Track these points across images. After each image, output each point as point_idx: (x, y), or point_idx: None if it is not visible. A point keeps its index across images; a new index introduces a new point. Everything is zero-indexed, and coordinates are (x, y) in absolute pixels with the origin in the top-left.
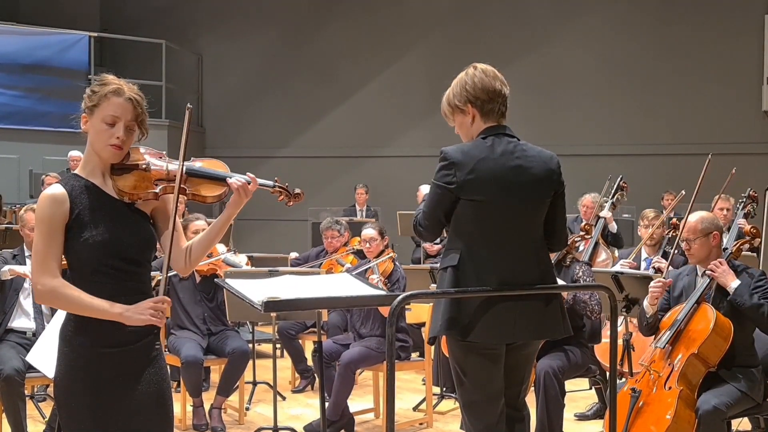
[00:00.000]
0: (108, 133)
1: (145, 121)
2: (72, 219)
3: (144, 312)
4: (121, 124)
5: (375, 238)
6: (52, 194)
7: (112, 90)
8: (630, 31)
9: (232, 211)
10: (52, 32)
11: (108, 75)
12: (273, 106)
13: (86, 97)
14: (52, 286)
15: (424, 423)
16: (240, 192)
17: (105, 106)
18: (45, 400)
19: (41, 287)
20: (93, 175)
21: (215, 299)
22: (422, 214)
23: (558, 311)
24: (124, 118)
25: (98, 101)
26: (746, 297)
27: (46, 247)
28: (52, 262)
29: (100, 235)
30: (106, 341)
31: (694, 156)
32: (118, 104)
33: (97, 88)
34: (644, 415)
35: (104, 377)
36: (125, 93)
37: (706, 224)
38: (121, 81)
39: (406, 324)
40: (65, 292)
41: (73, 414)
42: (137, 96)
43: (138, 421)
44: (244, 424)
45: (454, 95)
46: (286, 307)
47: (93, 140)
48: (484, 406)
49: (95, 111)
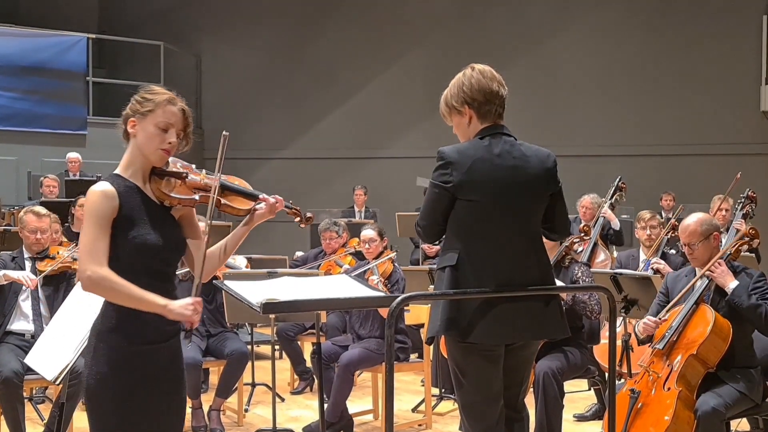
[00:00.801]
0: (161, 137)
1: (190, 133)
2: (119, 217)
3: (187, 308)
4: (173, 131)
5: (374, 239)
6: (103, 190)
7: (168, 99)
8: (628, 31)
9: (255, 222)
10: (50, 34)
11: (156, 86)
12: (272, 107)
13: (136, 102)
14: (103, 275)
15: (423, 424)
16: (272, 209)
17: (160, 112)
18: (44, 402)
19: (91, 274)
20: (135, 177)
21: (214, 301)
22: (420, 214)
23: (557, 312)
24: (176, 125)
25: (154, 108)
26: (744, 298)
27: (95, 238)
28: (100, 252)
29: (143, 236)
30: (142, 338)
31: (692, 156)
32: (172, 112)
33: (149, 95)
34: (643, 416)
35: (135, 376)
36: (178, 104)
37: (706, 226)
38: (170, 92)
39: (405, 325)
40: (116, 280)
41: (102, 411)
42: (187, 108)
43: (161, 421)
44: (243, 426)
45: (452, 96)
46: (284, 308)
47: (143, 143)
48: (483, 407)
49: (148, 116)
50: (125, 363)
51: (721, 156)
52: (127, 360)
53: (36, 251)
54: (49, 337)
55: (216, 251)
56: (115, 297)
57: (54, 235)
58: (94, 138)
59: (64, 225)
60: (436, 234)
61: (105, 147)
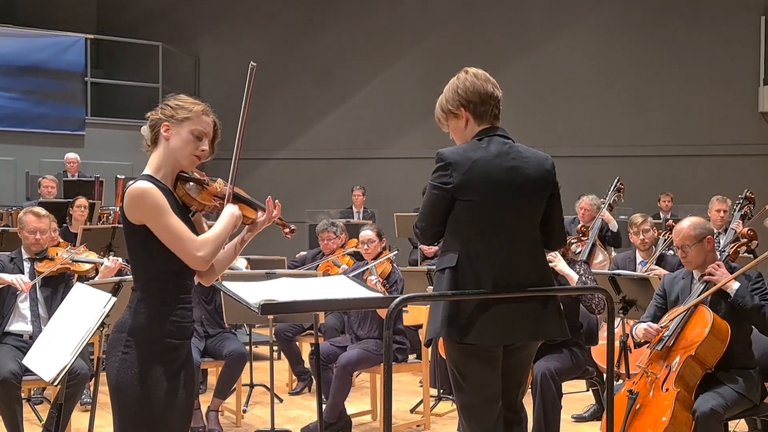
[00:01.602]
0: (195, 144)
1: (216, 144)
2: None
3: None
4: (206, 140)
5: (373, 239)
6: (152, 187)
7: (203, 110)
8: (626, 33)
9: (257, 229)
10: (48, 34)
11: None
12: (270, 108)
13: (171, 108)
14: (205, 242)
15: (421, 425)
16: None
17: (197, 121)
18: (42, 402)
19: (201, 252)
20: (165, 180)
21: (213, 302)
22: (419, 215)
23: (556, 312)
24: (209, 136)
25: (191, 116)
26: (748, 299)
27: (177, 226)
28: (189, 235)
29: None
30: (170, 334)
31: (691, 157)
32: (207, 122)
33: (184, 103)
34: (641, 417)
35: (164, 371)
36: (211, 115)
37: (699, 230)
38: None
39: (404, 326)
40: (207, 237)
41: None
42: (218, 121)
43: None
44: (242, 427)
45: (447, 100)
46: (283, 309)
47: (177, 147)
48: (481, 408)
49: (185, 123)
50: (157, 357)
51: (719, 157)
52: (159, 354)
53: (35, 252)
54: (47, 338)
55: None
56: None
57: (53, 234)
58: (92, 138)
59: (62, 226)
60: (435, 235)
61: (103, 147)
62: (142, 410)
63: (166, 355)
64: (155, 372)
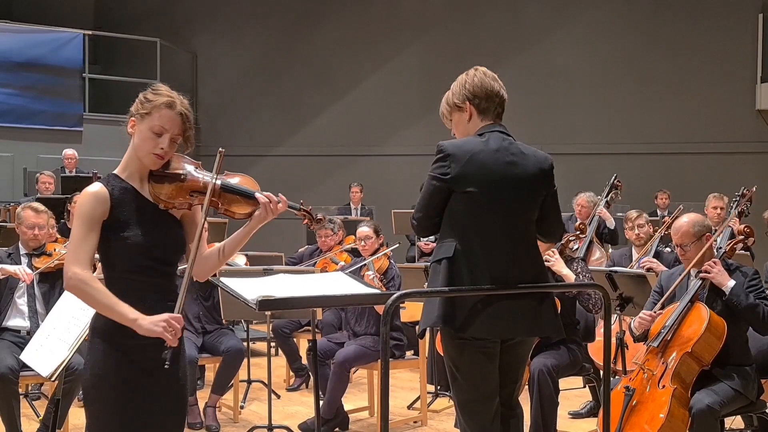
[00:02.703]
0: (153, 142)
1: (190, 136)
2: (111, 218)
3: (158, 324)
4: (167, 136)
5: (370, 236)
6: (95, 192)
7: (166, 102)
8: (624, 30)
9: (254, 225)
10: (46, 30)
11: (162, 85)
12: (267, 104)
13: (138, 102)
14: (83, 278)
15: (418, 421)
16: (266, 208)
17: (156, 116)
18: (39, 398)
19: (72, 275)
20: (132, 178)
21: (211, 298)
22: (416, 206)
23: (551, 311)
24: (172, 130)
25: (150, 110)
26: (743, 297)
27: (82, 240)
28: (85, 254)
29: (136, 237)
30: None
31: (688, 155)
32: (168, 117)
33: (151, 96)
34: (638, 413)
35: (133, 371)
36: (177, 107)
37: (698, 228)
38: (174, 94)
39: (401, 322)
40: (94, 285)
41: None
42: (187, 111)
43: (162, 418)
44: (239, 423)
45: (453, 94)
46: (280, 305)
47: (137, 145)
48: (478, 405)
49: (145, 118)
50: (123, 358)
51: (716, 154)
52: (125, 355)
53: (33, 247)
54: (45, 333)
55: (215, 252)
56: (90, 302)
57: (50, 230)
58: (90, 134)
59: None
60: (431, 227)
61: (101, 143)
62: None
63: (134, 355)
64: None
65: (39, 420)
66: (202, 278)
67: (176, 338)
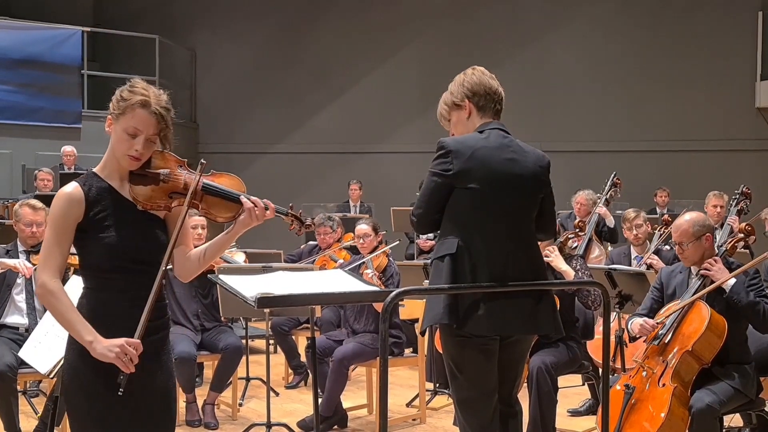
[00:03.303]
0: (128, 143)
1: (168, 135)
2: (86, 220)
3: (112, 350)
4: (141, 138)
5: (369, 233)
6: (69, 194)
7: (140, 101)
8: (624, 27)
9: (238, 230)
10: (44, 27)
11: (139, 82)
12: (266, 101)
13: (114, 100)
14: (51, 288)
15: (417, 419)
16: (251, 214)
17: (129, 116)
18: (38, 395)
19: (41, 284)
20: (111, 178)
21: (210, 295)
22: (416, 203)
23: (549, 309)
24: (146, 131)
25: (124, 110)
26: (743, 295)
27: (53, 245)
28: (55, 261)
29: (114, 238)
30: (113, 335)
31: (687, 153)
32: (142, 117)
33: (126, 95)
34: (637, 411)
35: (113, 375)
36: (151, 106)
37: (698, 227)
38: (149, 90)
39: (400, 320)
40: (60, 298)
41: (81, 413)
42: (163, 110)
43: (145, 417)
44: (237, 420)
45: (452, 93)
46: (279, 303)
47: (113, 146)
48: (478, 402)
49: (120, 119)
50: (100, 363)
51: (715, 152)
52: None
53: (31, 245)
54: (43, 330)
55: (196, 255)
56: (54, 313)
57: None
58: (88, 131)
59: None
60: (431, 224)
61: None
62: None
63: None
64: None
65: (37, 417)
66: (185, 279)
67: (131, 365)
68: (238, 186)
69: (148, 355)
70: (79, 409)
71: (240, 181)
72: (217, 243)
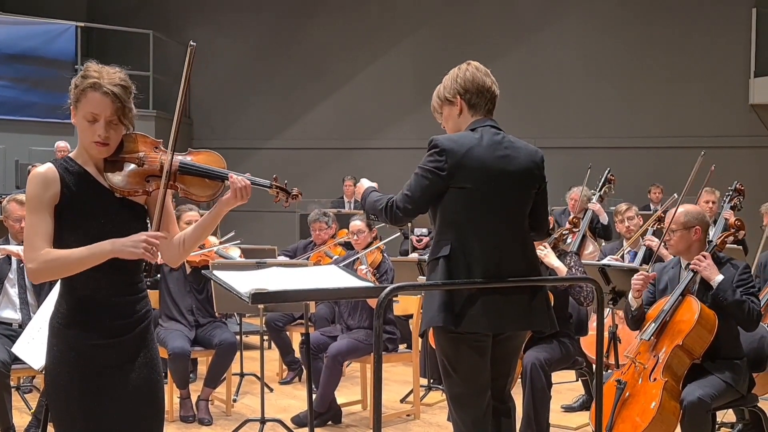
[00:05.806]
0: (90, 130)
1: (127, 114)
2: (62, 202)
3: (138, 245)
4: (101, 121)
5: (363, 229)
6: (43, 173)
7: (90, 84)
8: (618, 24)
9: (222, 209)
10: (38, 22)
11: (91, 64)
12: (261, 97)
13: (71, 89)
14: (42, 258)
15: (411, 415)
16: (239, 193)
17: (84, 102)
18: (31, 391)
19: (31, 264)
20: (87, 164)
21: (204, 291)
22: (404, 197)
23: (544, 305)
24: (104, 114)
25: (78, 97)
26: (729, 293)
27: (34, 226)
28: (39, 241)
29: (91, 227)
30: (98, 333)
31: (681, 149)
32: (95, 100)
33: (78, 81)
34: (630, 406)
35: (95, 369)
36: (102, 86)
37: (690, 218)
38: (102, 71)
39: (394, 316)
40: (53, 255)
41: (63, 406)
42: (115, 88)
43: (129, 411)
44: (232, 416)
45: (445, 88)
46: (273, 298)
47: (80, 136)
48: (471, 398)
49: (78, 106)
50: (81, 357)
51: (709, 149)
52: (84, 354)
53: (21, 240)
54: (37, 326)
55: (178, 240)
56: (63, 270)
57: None
58: None
59: None
60: (413, 217)
61: None
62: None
63: (92, 354)
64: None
65: (31, 413)
66: (173, 264)
67: (156, 255)
68: (218, 162)
69: (131, 349)
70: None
71: (220, 158)
72: (199, 226)
